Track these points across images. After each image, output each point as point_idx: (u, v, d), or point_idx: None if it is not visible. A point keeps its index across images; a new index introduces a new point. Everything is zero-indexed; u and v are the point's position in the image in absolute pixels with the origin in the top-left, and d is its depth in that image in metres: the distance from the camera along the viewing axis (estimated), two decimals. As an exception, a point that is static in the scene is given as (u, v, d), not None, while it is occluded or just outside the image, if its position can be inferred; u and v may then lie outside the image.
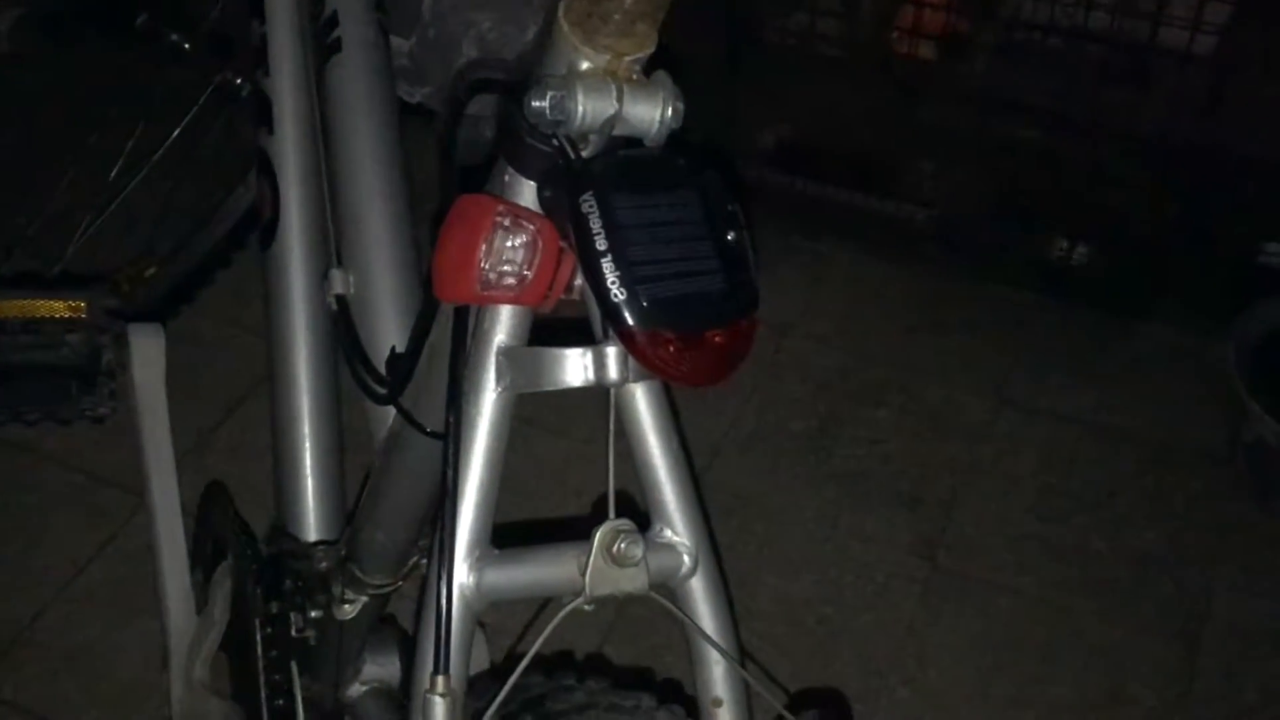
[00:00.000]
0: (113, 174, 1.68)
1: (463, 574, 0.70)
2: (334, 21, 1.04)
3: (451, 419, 0.69)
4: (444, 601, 0.67)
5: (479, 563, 0.71)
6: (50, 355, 1.11)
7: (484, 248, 0.65)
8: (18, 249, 1.66)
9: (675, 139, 0.66)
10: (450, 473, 0.69)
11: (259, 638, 0.98)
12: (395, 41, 1.16)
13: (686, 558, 0.74)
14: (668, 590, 0.75)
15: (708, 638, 0.74)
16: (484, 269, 0.66)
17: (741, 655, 0.76)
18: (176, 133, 1.66)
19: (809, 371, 1.95)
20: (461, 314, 0.71)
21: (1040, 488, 1.80)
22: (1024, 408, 1.91)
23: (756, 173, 2.17)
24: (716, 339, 0.64)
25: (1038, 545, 1.73)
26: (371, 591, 1.00)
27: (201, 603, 1.14)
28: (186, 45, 1.62)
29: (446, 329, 0.73)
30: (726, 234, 0.66)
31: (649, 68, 0.66)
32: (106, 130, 1.70)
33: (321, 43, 1.04)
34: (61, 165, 1.72)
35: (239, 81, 1.56)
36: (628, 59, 0.64)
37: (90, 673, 1.53)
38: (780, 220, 2.16)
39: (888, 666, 1.58)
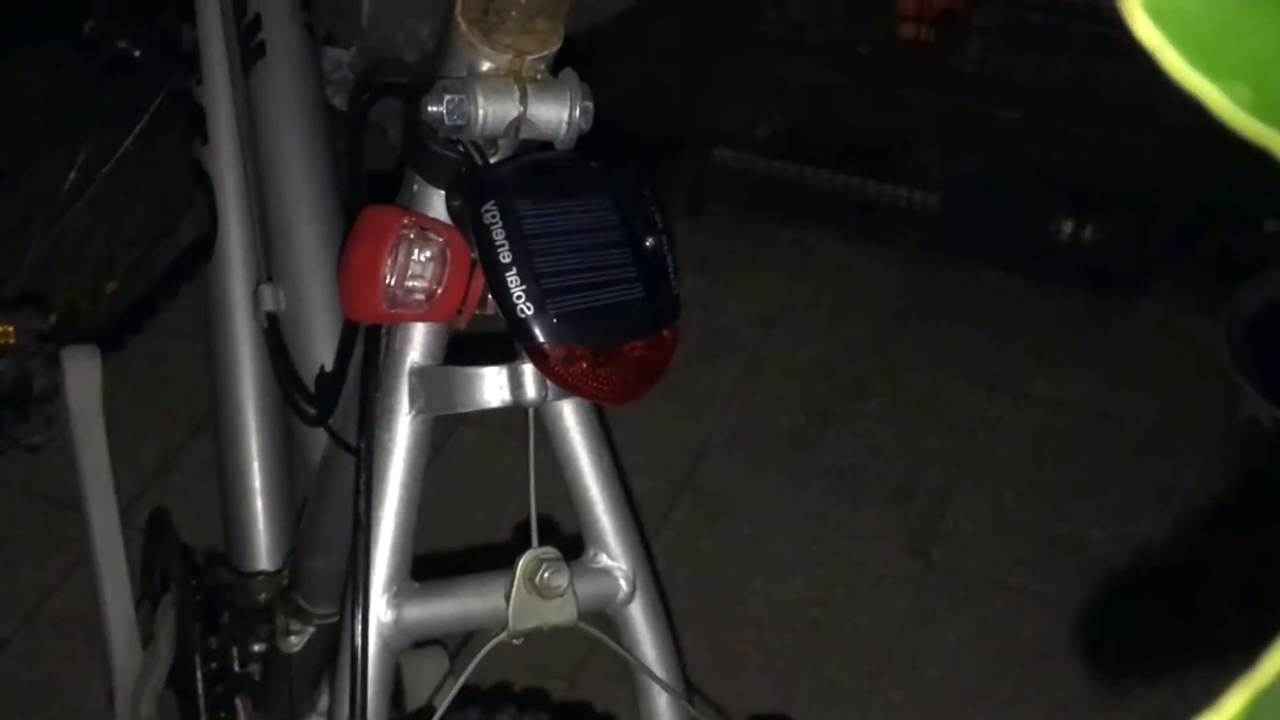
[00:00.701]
0: (65, 187, 1.63)
1: (380, 610, 0.65)
2: (257, 25, 0.99)
3: (364, 445, 0.65)
4: (359, 641, 0.63)
5: (397, 598, 0.66)
6: (-23, 383, 1.07)
7: (389, 263, 0.61)
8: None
9: (586, 141, 0.62)
10: (363, 503, 0.64)
11: (200, 674, 0.94)
12: (336, 52, 1.11)
13: (623, 582, 0.70)
14: (604, 618, 0.70)
15: (647, 670, 0.69)
16: (390, 285, 0.61)
17: (686, 685, 0.71)
18: (128, 142, 1.61)
19: (795, 365, 1.91)
20: (372, 333, 0.67)
21: (1035, 478, 1.76)
22: (1016, 395, 1.87)
23: (738, 163, 2.13)
24: (635, 353, 0.60)
25: (1033, 537, 1.68)
26: (318, 622, 0.96)
27: (148, 636, 1.10)
28: (136, 52, 1.57)
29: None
30: (644, 240, 0.61)
31: (555, 66, 0.62)
32: (56, 142, 1.66)
33: (246, 47, 1.00)
34: (9, 179, 1.67)
35: None
36: (530, 58, 0.60)
37: (55, 706, 1.48)
38: (764, 211, 2.13)
39: (881, 668, 1.54)
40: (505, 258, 0.57)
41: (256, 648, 0.98)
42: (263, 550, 1.02)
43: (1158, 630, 1.56)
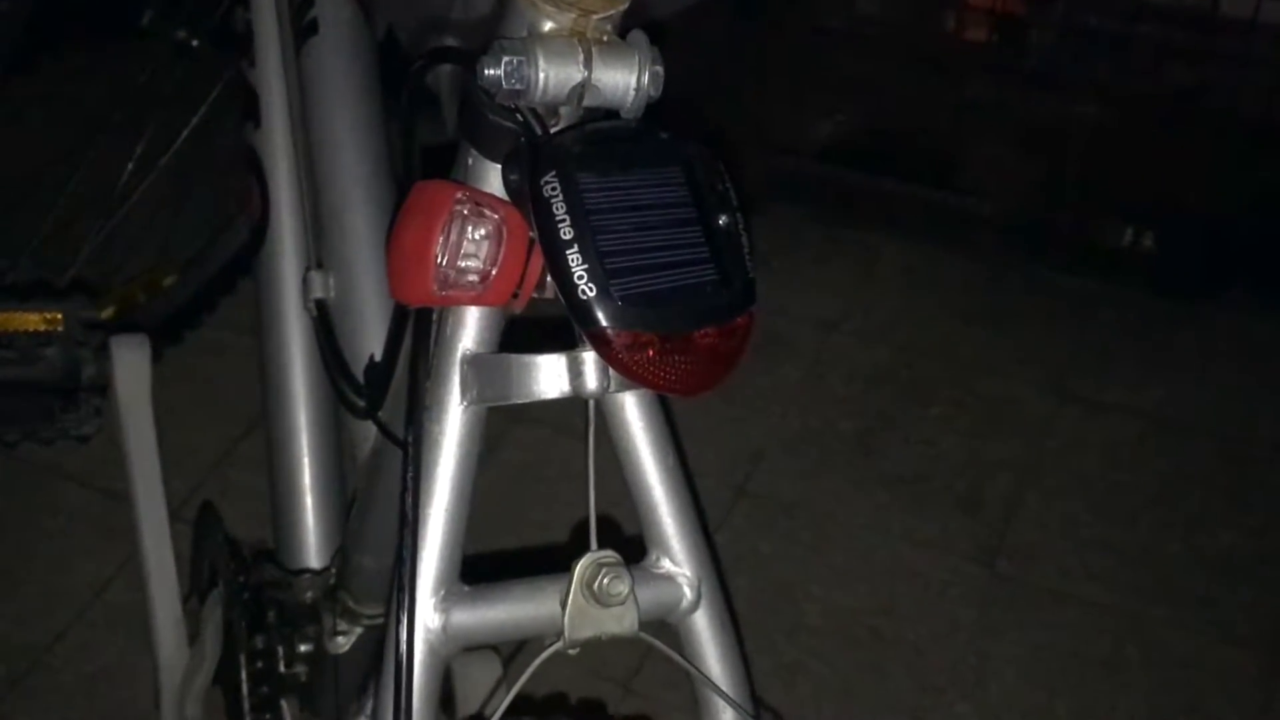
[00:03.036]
0: (123, 178, 1.62)
1: (426, 614, 0.61)
2: (310, 1, 0.96)
3: (411, 437, 0.61)
4: (405, 647, 0.59)
5: (445, 602, 0.62)
6: (26, 371, 1.05)
7: (441, 241, 0.57)
8: (24, 258, 1.60)
9: (655, 110, 0.57)
10: (409, 499, 0.60)
11: (244, 674, 0.91)
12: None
13: (687, 590, 0.65)
14: (667, 628, 0.66)
15: (712, 684, 0.65)
16: (441, 265, 0.57)
17: (755, 702, 0.67)
18: (187, 132, 1.60)
19: (858, 369, 1.87)
20: (422, 318, 0.63)
21: (1107, 487, 1.71)
22: (1088, 402, 1.82)
23: (801, 164, 2.09)
24: (706, 340, 0.55)
25: (1105, 549, 1.63)
26: (366, 622, 0.92)
27: (195, 633, 1.07)
28: (194, 42, 1.56)
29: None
30: (717, 217, 0.56)
31: (624, 27, 0.57)
32: (114, 132, 1.64)
33: (297, 24, 0.96)
34: (68, 170, 1.66)
35: None
36: (596, 17, 0.55)
37: (108, 701, 1.47)
38: (826, 212, 2.10)
39: (946, 681, 1.49)
40: (566, 234, 0.53)
41: (303, 648, 0.94)
42: (311, 547, 0.99)
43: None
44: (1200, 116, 1.91)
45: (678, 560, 0.65)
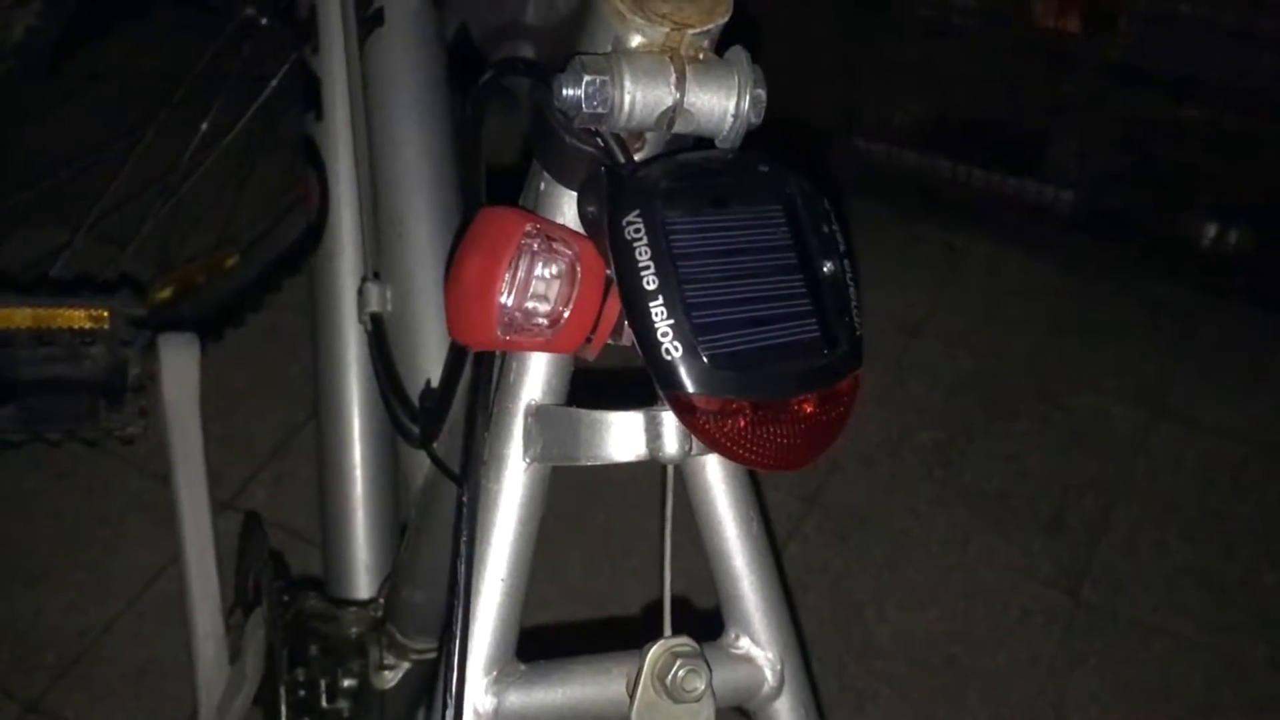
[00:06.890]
0: (186, 155, 1.58)
1: (477, 697, 0.55)
2: (376, -11, 0.89)
3: (467, 498, 0.54)
4: (453, 733, 0.53)
5: (498, 682, 0.55)
6: (70, 369, 1.00)
7: (507, 279, 0.50)
8: (82, 236, 1.57)
9: (755, 138, 0.50)
10: (463, 567, 0.54)
11: (283, 708, 0.85)
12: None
13: (769, 673, 0.59)
14: (745, 714, 0.59)
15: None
16: (507, 306, 0.50)
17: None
18: (253, 109, 1.56)
19: (939, 376, 1.81)
20: (483, 362, 0.56)
21: (1202, 513, 1.63)
22: (1183, 420, 1.75)
23: (887, 154, 2.02)
24: (805, 408, 0.48)
25: (1199, 580, 1.56)
26: (414, 657, 0.86)
27: (236, 649, 1.02)
28: (263, 19, 1.52)
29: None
30: (822, 264, 0.49)
31: (722, 44, 0.50)
32: (178, 108, 1.60)
33: (362, 14, 0.90)
34: (130, 145, 1.63)
35: None
36: (692, 32, 0.48)
37: (155, 694, 1.44)
38: (910, 207, 2.04)
39: (1024, 716, 1.43)
40: (650, 284, 0.46)
41: (347, 682, 0.89)
42: (361, 575, 0.93)
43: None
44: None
45: (759, 640, 0.58)
